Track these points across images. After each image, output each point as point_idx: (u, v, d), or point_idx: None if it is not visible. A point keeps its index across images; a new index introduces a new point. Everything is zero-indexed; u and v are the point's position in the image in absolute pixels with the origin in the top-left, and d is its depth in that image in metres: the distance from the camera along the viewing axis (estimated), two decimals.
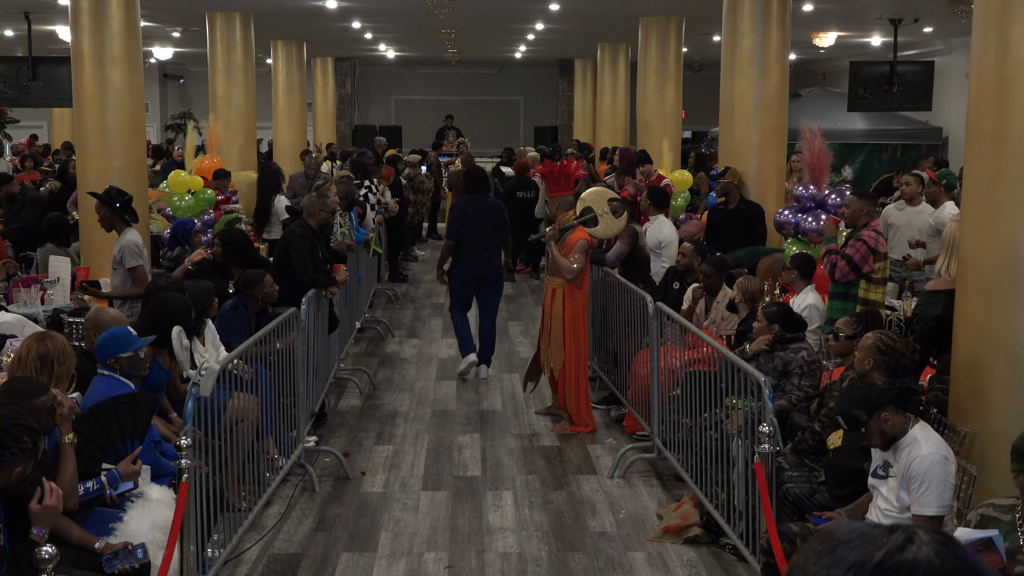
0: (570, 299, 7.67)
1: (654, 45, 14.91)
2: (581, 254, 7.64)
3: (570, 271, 7.58)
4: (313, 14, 15.19)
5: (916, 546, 1.15)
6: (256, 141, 15.58)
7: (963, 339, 5.26)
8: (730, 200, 9.64)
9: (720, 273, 7.71)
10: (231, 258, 7.71)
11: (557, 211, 7.91)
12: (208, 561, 4.81)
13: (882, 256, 6.92)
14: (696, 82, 24.13)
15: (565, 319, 7.69)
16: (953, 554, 1.16)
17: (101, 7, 9.70)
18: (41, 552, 3.60)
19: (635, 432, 7.45)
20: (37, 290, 8.14)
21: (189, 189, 10.82)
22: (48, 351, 4.65)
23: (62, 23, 15.03)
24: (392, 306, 12.61)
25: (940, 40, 18.51)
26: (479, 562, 5.46)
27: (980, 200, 5.12)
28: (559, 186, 7.89)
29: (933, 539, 1.17)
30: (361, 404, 8.46)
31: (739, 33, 10.36)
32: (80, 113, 9.87)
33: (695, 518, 5.76)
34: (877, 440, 4.36)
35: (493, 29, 18.33)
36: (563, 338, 7.71)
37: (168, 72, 27.79)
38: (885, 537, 1.17)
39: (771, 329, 6.19)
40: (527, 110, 28.62)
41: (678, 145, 15.22)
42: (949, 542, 1.17)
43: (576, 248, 7.62)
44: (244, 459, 5.68)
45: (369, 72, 28.20)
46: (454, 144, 22.53)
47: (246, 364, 5.84)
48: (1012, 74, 4.91)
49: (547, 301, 7.88)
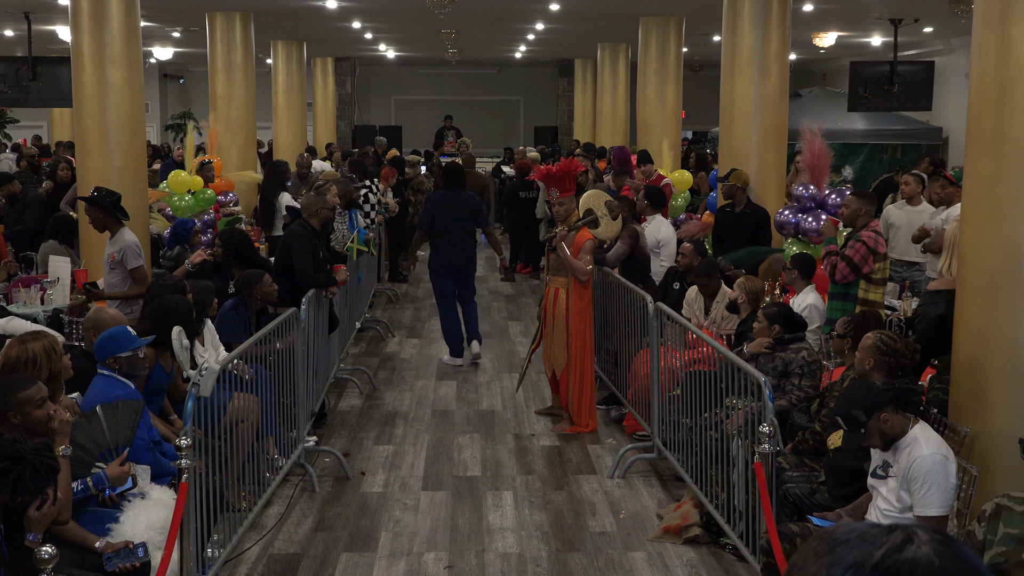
0: (576, 298, 7.65)
1: (654, 45, 14.91)
2: (590, 255, 7.66)
3: (584, 272, 7.57)
4: (313, 14, 15.19)
5: (915, 545, 1.15)
6: (256, 142, 15.58)
7: (963, 339, 5.26)
8: (736, 203, 9.60)
9: (711, 276, 7.70)
10: (231, 258, 7.72)
11: (564, 212, 7.83)
12: (208, 561, 4.81)
13: (882, 256, 6.92)
14: (696, 82, 24.13)
15: (571, 319, 7.65)
16: (952, 553, 1.16)
17: (101, 7, 9.70)
18: (40, 552, 3.60)
19: (635, 432, 7.45)
20: (37, 290, 8.14)
21: (189, 189, 10.82)
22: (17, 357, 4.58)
23: (62, 23, 15.04)
24: (392, 306, 12.61)
25: (940, 40, 18.51)
26: (479, 562, 5.46)
27: (980, 200, 5.12)
28: (564, 187, 7.80)
29: (932, 538, 1.17)
30: (361, 404, 8.46)
31: (739, 33, 10.36)
32: (80, 113, 9.87)
33: (695, 518, 5.76)
34: (877, 440, 4.36)
35: (493, 29, 18.33)
36: (567, 338, 7.68)
37: (168, 72, 27.79)
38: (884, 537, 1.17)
39: (772, 330, 6.19)
40: (527, 110, 28.63)
41: (678, 145, 15.22)
42: (949, 541, 1.17)
43: (585, 249, 7.61)
44: (244, 459, 5.68)
45: (369, 72, 28.21)
46: (455, 144, 22.54)
47: (246, 364, 5.84)
48: (1012, 74, 4.91)
49: (549, 301, 7.85)
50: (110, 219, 7.37)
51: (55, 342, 4.80)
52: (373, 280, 12.15)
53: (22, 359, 4.56)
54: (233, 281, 7.43)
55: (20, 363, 4.56)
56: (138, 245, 7.37)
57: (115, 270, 7.35)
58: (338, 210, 9.26)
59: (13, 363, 4.55)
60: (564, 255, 7.60)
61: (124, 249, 7.31)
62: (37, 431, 4.20)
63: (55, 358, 4.66)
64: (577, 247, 7.60)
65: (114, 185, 9.62)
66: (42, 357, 4.58)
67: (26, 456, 3.75)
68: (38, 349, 4.60)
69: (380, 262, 12.90)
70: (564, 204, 7.78)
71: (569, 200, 7.81)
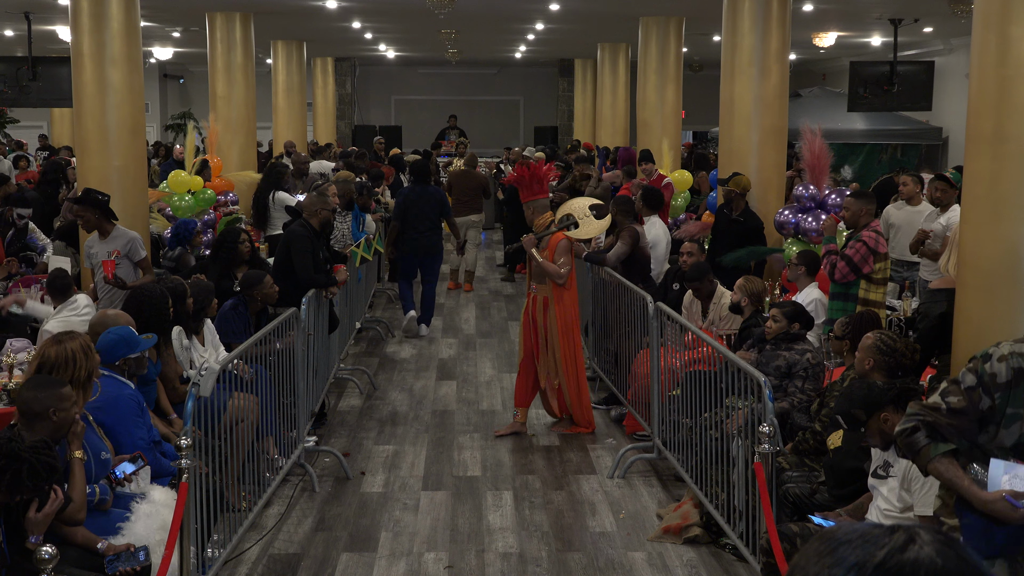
0: (559, 305, 7.47)
1: (654, 45, 14.91)
2: (566, 255, 7.45)
3: (559, 275, 7.40)
4: (313, 14, 15.19)
5: (918, 546, 1.15)
6: (256, 142, 15.58)
7: (963, 339, 5.26)
8: (734, 208, 9.60)
9: (702, 279, 7.69)
10: (219, 257, 7.76)
11: (533, 215, 7.67)
12: (208, 561, 4.81)
13: (882, 256, 6.92)
14: (696, 82, 24.12)
15: (562, 327, 7.48)
16: (955, 554, 1.16)
17: (101, 7, 9.69)
18: (41, 552, 3.61)
19: (635, 432, 7.44)
20: (37, 290, 8.14)
21: (189, 189, 10.82)
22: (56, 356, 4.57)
23: (62, 23, 15.03)
24: (392, 306, 12.60)
25: (940, 40, 18.51)
26: (479, 562, 5.46)
27: (980, 200, 5.12)
28: (532, 190, 7.64)
29: (935, 539, 1.17)
30: (361, 404, 8.46)
31: (739, 33, 10.36)
32: (80, 113, 9.87)
33: (695, 518, 5.76)
34: (877, 440, 4.36)
35: (493, 29, 18.34)
36: (561, 347, 7.52)
37: (168, 72, 27.78)
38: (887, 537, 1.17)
39: (791, 327, 6.19)
40: (527, 110, 28.63)
41: (678, 145, 15.22)
42: (951, 542, 1.17)
43: (560, 249, 7.42)
44: (244, 459, 5.68)
45: (369, 72, 28.21)
46: (453, 144, 22.54)
47: (246, 364, 5.84)
48: (1012, 74, 4.91)
49: (535, 312, 7.57)
50: (103, 219, 7.55)
51: (89, 341, 4.78)
52: (373, 280, 12.15)
53: (61, 358, 4.54)
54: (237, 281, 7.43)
55: (60, 362, 4.52)
56: (139, 236, 7.75)
57: (121, 265, 7.50)
58: (338, 210, 9.27)
59: (53, 362, 4.53)
60: (537, 260, 7.44)
61: (131, 242, 7.61)
62: (62, 432, 4.21)
63: (91, 356, 4.65)
64: (552, 249, 7.44)
65: (114, 185, 9.65)
66: (80, 356, 4.57)
67: (22, 455, 3.76)
68: (76, 348, 4.58)
69: (380, 262, 12.90)
70: (531, 207, 7.66)
71: (537, 203, 7.65)
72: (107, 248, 7.54)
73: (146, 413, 5.12)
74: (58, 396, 4.18)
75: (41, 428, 4.12)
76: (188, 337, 6.26)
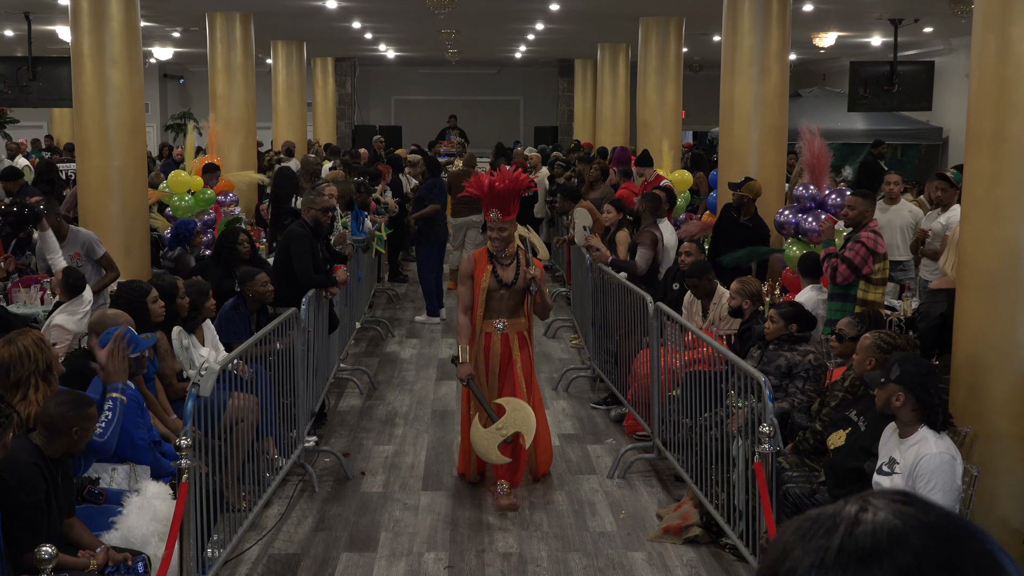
0: (526, 346, 6.51)
1: (654, 45, 14.91)
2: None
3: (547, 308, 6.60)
4: (313, 14, 15.18)
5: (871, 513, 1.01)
6: (256, 142, 15.57)
7: (963, 339, 5.27)
8: (743, 212, 9.57)
9: (702, 276, 7.68)
10: (220, 258, 7.76)
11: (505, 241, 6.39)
12: (208, 561, 4.81)
13: (881, 257, 6.91)
14: (696, 82, 24.12)
15: (530, 361, 6.55)
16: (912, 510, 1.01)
17: (101, 7, 9.69)
18: (41, 552, 3.61)
19: (635, 432, 7.45)
20: (37, 290, 8.14)
21: (189, 189, 10.82)
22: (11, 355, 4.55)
23: (62, 23, 15.03)
24: (392, 306, 12.61)
25: (940, 40, 18.51)
26: (479, 562, 5.46)
27: (980, 200, 5.12)
28: (507, 210, 6.35)
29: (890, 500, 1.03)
30: (361, 404, 8.46)
31: (739, 33, 10.36)
32: (80, 113, 9.87)
33: (695, 518, 5.76)
34: (879, 404, 4.38)
35: (493, 29, 18.33)
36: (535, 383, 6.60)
37: (168, 72, 27.78)
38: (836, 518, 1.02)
39: (789, 328, 6.18)
40: (527, 110, 28.62)
41: (678, 145, 15.21)
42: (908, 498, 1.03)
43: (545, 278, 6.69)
44: (244, 459, 5.68)
45: (369, 72, 28.20)
46: (453, 144, 22.52)
47: (246, 364, 5.84)
48: (1012, 74, 4.91)
49: (501, 352, 6.40)
50: (62, 220, 7.76)
51: (41, 335, 4.81)
52: (373, 280, 12.16)
53: (16, 356, 4.53)
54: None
55: (15, 360, 4.52)
56: (94, 235, 7.88)
57: (83, 266, 7.53)
58: (337, 210, 9.25)
59: (8, 362, 4.52)
60: (544, 295, 6.45)
61: (87, 242, 7.70)
62: (79, 448, 4.23)
63: (46, 349, 4.65)
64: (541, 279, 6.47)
65: (114, 185, 9.65)
66: (34, 349, 4.57)
67: None
68: (28, 343, 4.57)
69: (380, 262, 12.90)
70: (506, 230, 6.36)
71: (511, 225, 6.41)
72: (72, 251, 7.60)
73: (146, 413, 5.12)
74: (84, 416, 4.18)
75: (61, 444, 4.12)
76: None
